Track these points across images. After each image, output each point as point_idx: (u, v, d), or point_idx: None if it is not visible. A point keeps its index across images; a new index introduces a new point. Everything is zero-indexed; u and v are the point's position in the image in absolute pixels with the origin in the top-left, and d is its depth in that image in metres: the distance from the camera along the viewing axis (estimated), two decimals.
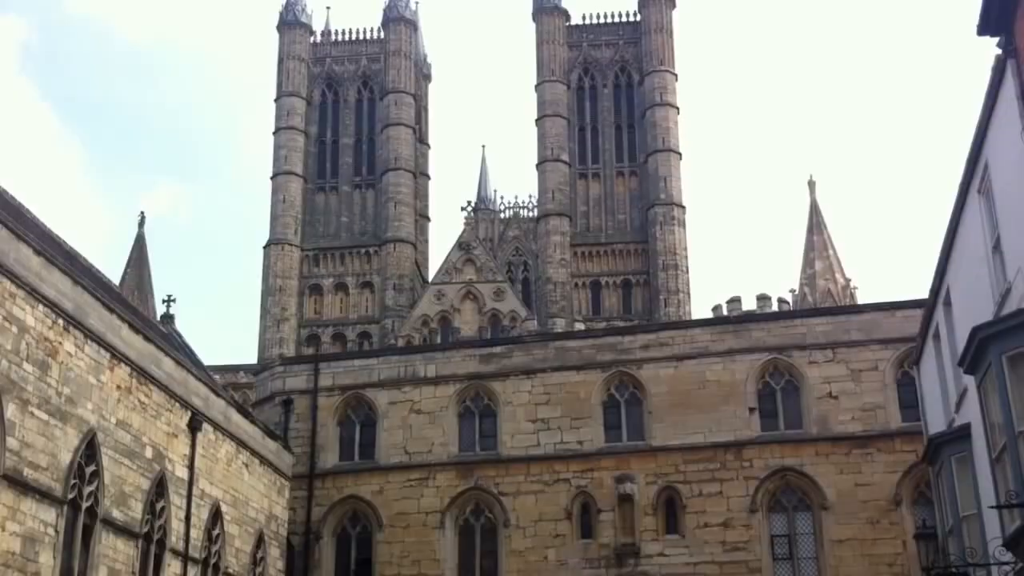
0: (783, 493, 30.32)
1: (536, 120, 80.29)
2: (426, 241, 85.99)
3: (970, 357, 15.82)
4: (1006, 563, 15.91)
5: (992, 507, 15.96)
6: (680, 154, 78.72)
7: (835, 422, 30.22)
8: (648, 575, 30.07)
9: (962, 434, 19.11)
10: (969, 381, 17.62)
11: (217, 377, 35.48)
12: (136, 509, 21.51)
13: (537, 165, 79.34)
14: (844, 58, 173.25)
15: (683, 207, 77.46)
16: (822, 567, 29.36)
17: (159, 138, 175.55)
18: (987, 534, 17.57)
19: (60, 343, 19.10)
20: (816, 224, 73.03)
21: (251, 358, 72.14)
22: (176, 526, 23.23)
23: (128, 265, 72.93)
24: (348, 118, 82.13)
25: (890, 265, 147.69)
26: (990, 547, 16.70)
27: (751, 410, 30.85)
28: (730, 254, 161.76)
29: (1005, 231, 16.24)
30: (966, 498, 19.07)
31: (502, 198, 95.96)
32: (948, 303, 20.86)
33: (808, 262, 71.94)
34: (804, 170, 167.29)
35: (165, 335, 29.60)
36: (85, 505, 19.68)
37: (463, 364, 33.44)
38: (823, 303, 64.16)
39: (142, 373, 22.05)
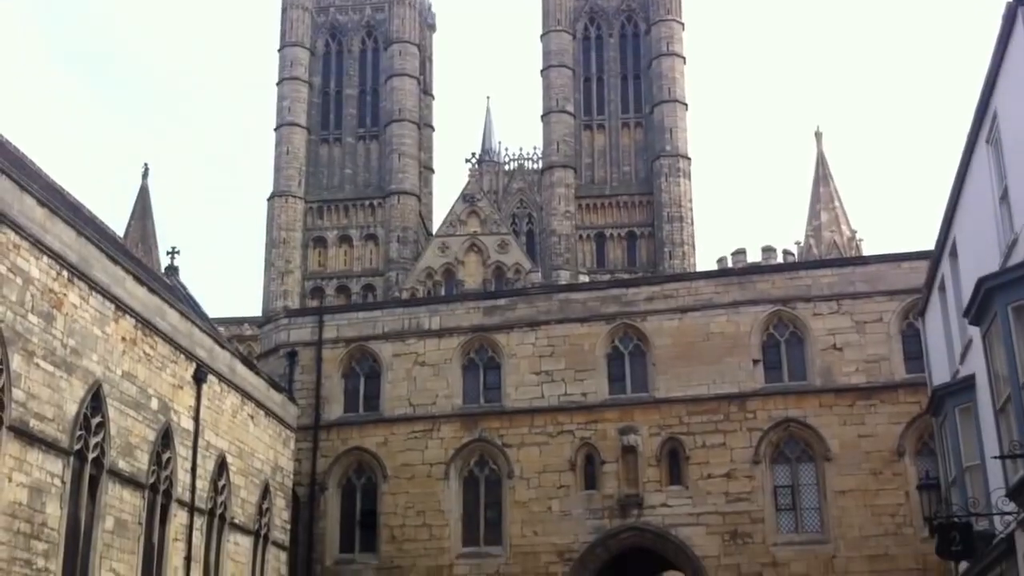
0: (786, 444, 30.44)
1: (541, 71, 79.66)
2: (430, 193, 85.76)
3: (975, 308, 15.80)
4: (1009, 513, 16.00)
5: (995, 457, 16.02)
6: (686, 105, 78.18)
7: (839, 374, 30.26)
8: (651, 526, 30.27)
9: (966, 385, 19.13)
10: (974, 332, 17.62)
11: (222, 329, 35.57)
12: (142, 460, 21.63)
13: (542, 116, 78.83)
14: (852, 6, 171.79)
15: (688, 159, 77.08)
16: (824, 517, 29.54)
17: (162, 89, 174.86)
18: (990, 484, 17.66)
19: (65, 294, 19.10)
20: (822, 175, 72.76)
21: (255, 311, 72.32)
22: (182, 477, 23.36)
23: (132, 217, 72.94)
24: (352, 68, 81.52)
25: (896, 217, 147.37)
26: (993, 497, 16.80)
27: (755, 362, 30.89)
28: (736, 206, 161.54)
29: (1013, 181, 16.14)
30: (969, 449, 19.14)
31: (507, 150, 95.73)
32: (954, 254, 20.80)
33: (814, 214, 71.75)
34: (811, 121, 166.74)
35: (169, 287, 29.61)
36: (91, 456, 19.78)
37: (467, 316, 33.48)
38: (828, 255, 64.02)
39: (147, 325, 22.08)
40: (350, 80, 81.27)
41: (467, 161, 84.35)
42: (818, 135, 73.94)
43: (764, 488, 29.96)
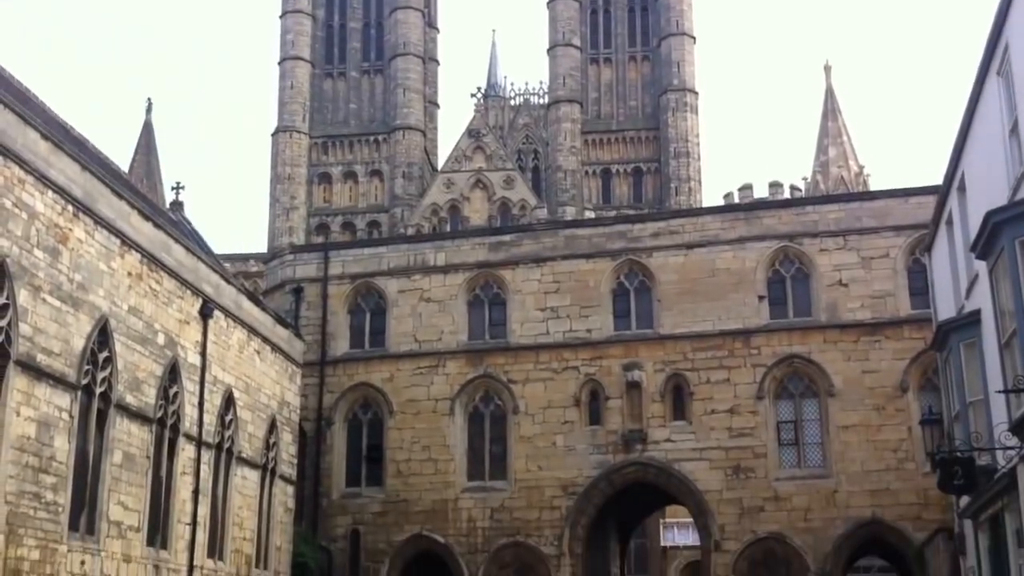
0: (790, 380, 30.55)
1: (548, 2, 78.70)
2: (435, 129, 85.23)
3: (983, 242, 15.74)
4: (1011, 447, 16.06)
5: (999, 392, 16.05)
6: (694, 38, 77.38)
7: (844, 310, 30.28)
8: (655, 461, 30.50)
9: (971, 320, 19.10)
10: (980, 267, 17.57)
11: (227, 266, 35.60)
12: (149, 395, 21.74)
13: (548, 50, 78.02)
14: None
15: (696, 93, 76.45)
16: (827, 452, 29.73)
17: (166, 23, 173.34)
18: (993, 419, 17.71)
19: (70, 229, 19.07)
20: (831, 110, 72.26)
21: (261, 247, 72.33)
22: (189, 411, 23.50)
23: (136, 152, 72.77)
24: (356, 0, 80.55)
25: (904, 152, 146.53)
26: (996, 432, 16.85)
27: (760, 298, 30.89)
28: (743, 141, 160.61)
29: None
30: (973, 384, 19.16)
31: (512, 85, 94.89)
32: (963, 188, 20.66)
33: (822, 149, 71.39)
34: (820, 55, 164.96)
35: (175, 222, 29.57)
36: (99, 391, 19.88)
37: (472, 252, 33.47)
38: (836, 190, 63.80)
39: (153, 260, 22.08)
40: (354, 13, 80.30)
41: (472, 96, 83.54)
42: (827, 68, 73.36)
43: (767, 423, 30.14)
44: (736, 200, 61.31)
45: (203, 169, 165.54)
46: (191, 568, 23.06)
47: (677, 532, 53.82)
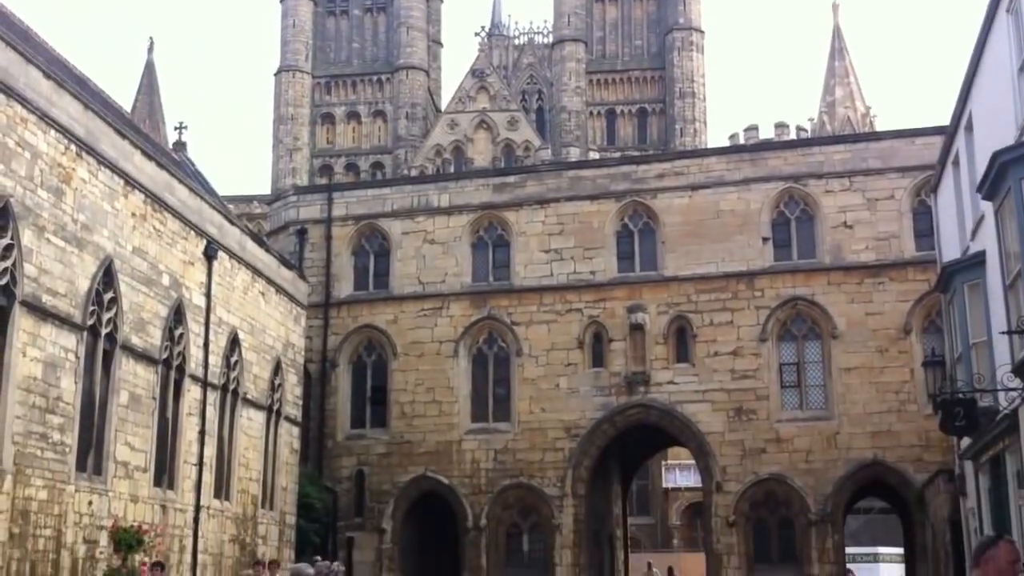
0: (793, 322, 30.59)
1: None
2: (439, 68, 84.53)
3: (989, 182, 15.66)
4: (1013, 389, 16.09)
5: (1003, 333, 16.04)
6: None
7: (848, 251, 30.23)
8: (657, 402, 30.64)
9: (976, 261, 19.06)
10: (986, 208, 17.49)
11: (231, 207, 35.48)
12: (155, 336, 21.81)
13: None
14: None
15: (702, 32, 75.73)
16: (829, 394, 29.85)
17: None
18: (996, 361, 17.72)
19: (73, 169, 19.00)
20: (838, 49, 71.62)
21: (264, 189, 72.11)
22: (195, 353, 23.58)
23: (139, 92, 72.30)
24: None
25: (911, 93, 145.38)
26: (998, 374, 16.87)
27: (764, 240, 30.84)
28: (749, 81, 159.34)
29: None
30: (977, 325, 19.16)
31: (516, 24, 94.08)
32: (970, 128, 20.50)
33: (828, 89, 70.87)
34: None
35: (177, 163, 29.44)
36: (104, 331, 19.93)
37: (476, 194, 33.37)
38: (842, 131, 63.36)
39: (156, 200, 22.03)
40: None
41: (476, 35, 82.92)
42: (835, 7, 72.63)
43: (770, 365, 30.22)
44: (741, 141, 60.94)
45: (206, 110, 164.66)
46: (198, 508, 23.26)
47: (679, 474, 54.28)
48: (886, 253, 29.97)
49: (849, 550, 35.24)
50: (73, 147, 19.03)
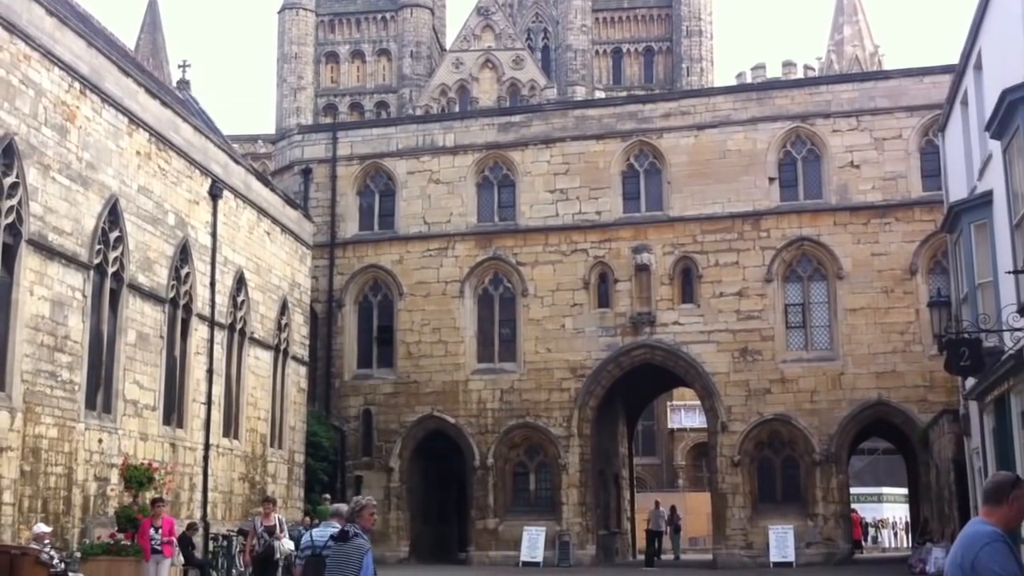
0: (799, 263, 30.58)
1: None
2: (443, 6, 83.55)
3: (997, 121, 15.55)
4: (1019, 329, 16.08)
5: (1009, 273, 16.03)
6: None
7: (855, 192, 30.14)
8: (663, 343, 30.72)
9: (983, 201, 18.96)
10: (994, 147, 17.38)
11: (235, 146, 35.34)
12: (161, 275, 21.84)
13: None
14: None
15: None
16: (834, 335, 29.91)
17: None
18: (1001, 301, 17.70)
19: (77, 107, 18.91)
20: None
21: (268, 128, 71.79)
22: (201, 292, 23.63)
23: (142, 30, 71.74)
24: None
25: (920, 32, 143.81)
26: (1004, 314, 16.87)
27: (771, 180, 30.74)
28: (756, 20, 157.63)
29: None
30: (983, 265, 19.11)
31: None
32: (979, 67, 20.29)
33: (836, 27, 70.17)
34: None
35: (181, 101, 29.29)
36: (111, 270, 19.96)
37: (481, 133, 33.21)
38: (850, 70, 62.89)
39: (161, 139, 21.95)
40: None
41: None
42: None
43: (775, 306, 30.26)
44: (749, 80, 60.50)
45: (209, 48, 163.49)
46: (207, 446, 23.46)
47: (684, 414, 54.58)
48: (893, 193, 29.87)
49: (853, 490, 35.52)
50: (77, 85, 18.92)
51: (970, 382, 21.14)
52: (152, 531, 16.51)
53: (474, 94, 70.65)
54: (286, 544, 18.00)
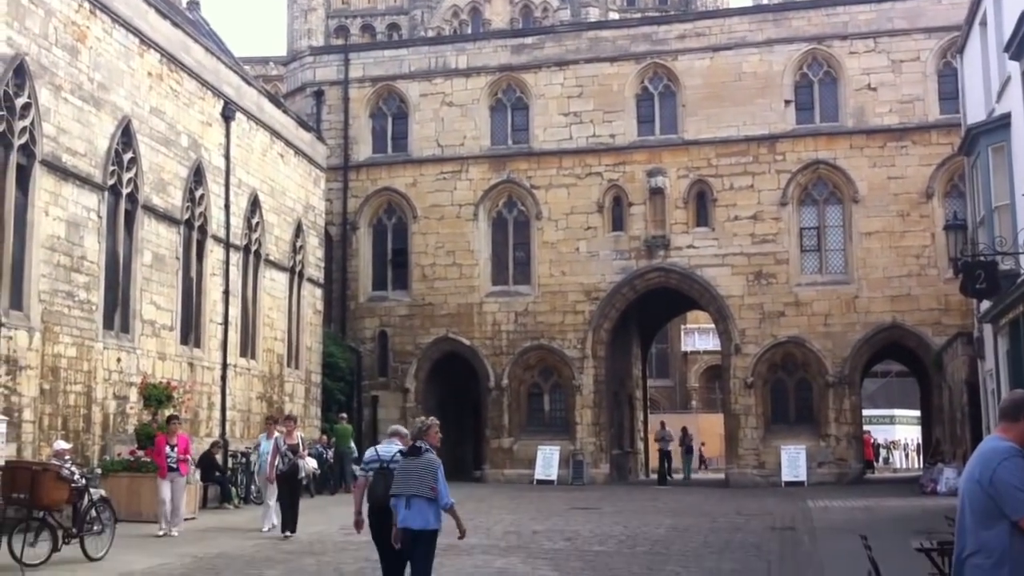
0: (814, 186, 30.44)
1: None
2: None
3: (1017, 42, 15.36)
4: None
5: None
6: None
7: (872, 114, 29.88)
8: (677, 267, 30.73)
9: (1001, 123, 18.82)
10: (1013, 68, 17.20)
11: (247, 68, 35.09)
12: (176, 196, 21.87)
13: None
14: None
15: None
16: (849, 258, 29.88)
17: None
18: (1018, 224, 17.66)
19: (88, 27, 18.80)
20: None
21: (280, 50, 71.19)
22: (216, 214, 23.67)
23: None
24: None
25: None
26: (1020, 236, 16.83)
27: (787, 103, 30.48)
28: None
29: None
30: (1000, 188, 19.02)
31: None
32: None
33: None
34: None
35: (192, 22, 29.04)
36: (125, 191, 20.00)
37: (494, 55, 32.92)
38: None
39: (172, 60, 21.82)
40: None
41: None
42: None
43: (790, 230, 30.19)
44: (764, 1, 59.58)
45: None
46: (224, 366, 23.68)
47: (698, 337, 54.79)
48: (910, 116, 29.61)
49: (866, 412, 35.71)
50: (87, 5, 18.79)
51: (985, 305, 21.16)
52: (168, 449, 16.45)
53: (486, 16, 69.77)
54: (310, 463, 18.17)
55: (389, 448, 10.06)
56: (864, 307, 29.43)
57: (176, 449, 16.62)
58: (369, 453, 10.30)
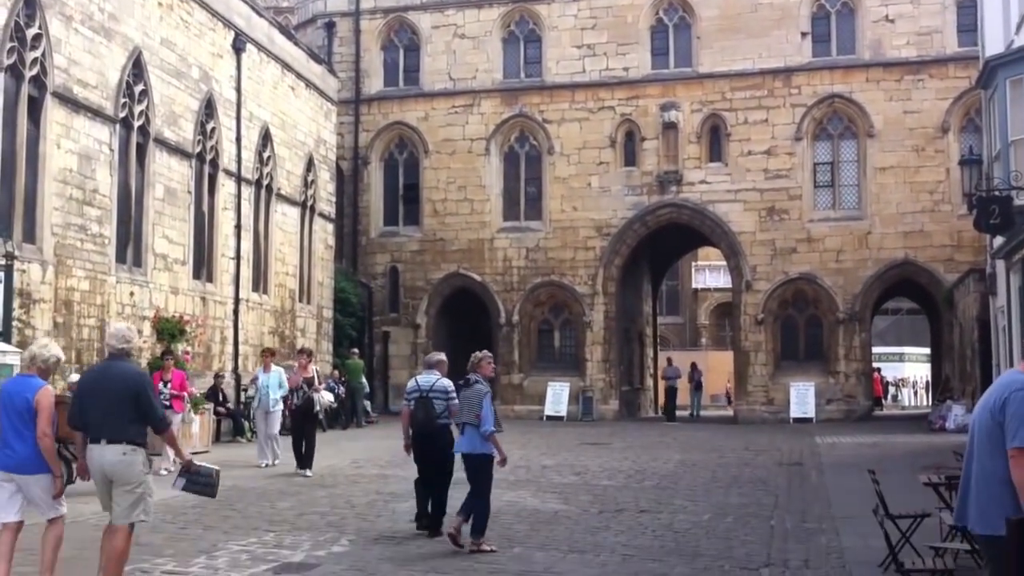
0: (829, 121, 30.19)
1: None
2: None
3: None
4: None
5: None
6: None
7: (889, 47, 29.52)
8: (689, 202, 30.60)
9: (1020, 56, 18.60)
10: None
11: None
12: (187, 129, 21.79)
13: None
14: None
15: None
16: (863, 194, 29.72)
17: None
18: None
19: None
20: None
21: None
22: (227, 147, 23.58)
23: None
24: None
25: None
26: None
27: (803, 35, 30.12)
28: None
29: None
30: (1017, 122, 18.84)
31: None
32: None
33: None
34: None
35: None
36: (137, 124, 19.91)
37: None
38: None
39: None
40: None
41: None
42: None
43: (804, 165, 30.00)
44: None
45: None
46: (237, 300, 23.75)
47: (708, 274, 54.72)
48: (927, 49, 29.25)
49: (875, 349, 35.77)
50: None
51: (998, 241, 21.06)
52: (161, 385, 15.87)
53: None
54: (325, 396, 18.11)
55: (428, 378, 10.93)
56: (876, 243, 29.33)
57: (169, 385, 16.18)
58: (411, 384, 11.10)
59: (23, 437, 7.44)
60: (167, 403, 15.73)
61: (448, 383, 10.87)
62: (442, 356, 11.31)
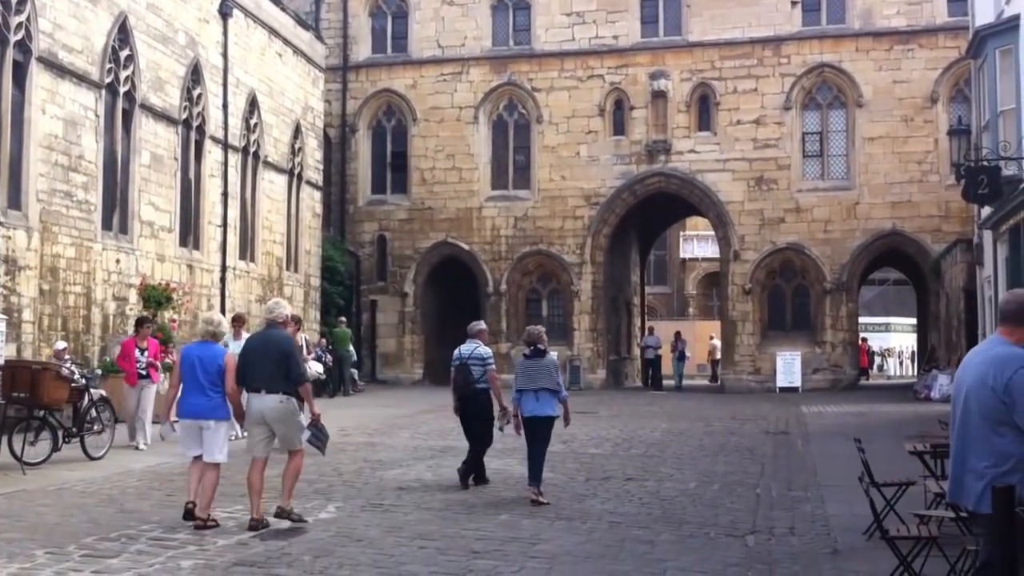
0: (818, 90, 30.13)
1: None
2: None
3: None
4: None
5: None
6: None
7: (879, 16, 29.45)
8: (678, 171, 30.56)
9: (1010, 25, 18.57)
10: None
11: None
12: (173, 96, 21.63)
13: None
14: None
15: None
16: (851, 164, 29.72)
17: None
18: (1023, 128, 17.52)
19: None
20: None
21: None
22: (214, 114, 23.43)
23: None
24: None
25: None
26: None
27: (793, 3, 30.01)
28: None
29: None
30: (1006, 92, 18.84)
31: None
32: None
33: None
34: None
35: None
36: (123, 90, 19.79)
37: None
38: None
39: None
40: None
41: None
42: None
43: (792, 135, 29.97)
44: None
45: None
46: (224, 268, 23.68)
47: (696, 244, 54.69)
48: (917, 18, 29.20)
49: (862, 319, 35.87)
50: None
51: (986, 211, 21.11)
52: (137, 353, 15.01)
53: None
54: (314, 366, 17.97)
55: (469, 347, 11.91)
56: (864, 213, 29.35)
57: (146, 353, 15.14)
58: (455, 353, 12.02)
59: (207, 393, 9.29)
60: (143, 372, 15.03)
61: (486, 350, 11.97)
62: (483, 325, 12.50)
